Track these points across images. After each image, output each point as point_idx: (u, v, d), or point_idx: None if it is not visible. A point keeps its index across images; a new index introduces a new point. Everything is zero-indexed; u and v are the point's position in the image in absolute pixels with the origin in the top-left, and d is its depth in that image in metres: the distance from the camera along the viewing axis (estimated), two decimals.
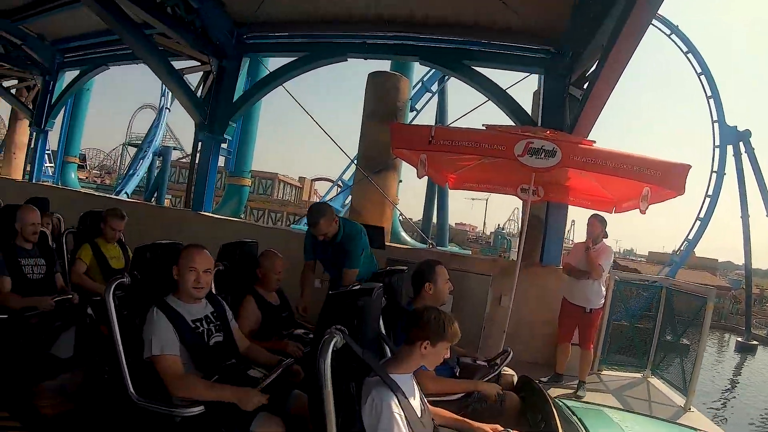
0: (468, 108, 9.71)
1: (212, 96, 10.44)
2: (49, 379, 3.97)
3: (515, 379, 4.11)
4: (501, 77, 8.50)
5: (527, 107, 8.43)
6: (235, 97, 10.46)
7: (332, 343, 2.35)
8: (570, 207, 8.00)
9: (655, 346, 7.60)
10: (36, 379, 3.97)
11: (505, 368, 4.18)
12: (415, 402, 2.68)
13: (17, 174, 16.52)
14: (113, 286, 3.12)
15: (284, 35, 9.99)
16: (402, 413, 2.50)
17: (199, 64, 10.67)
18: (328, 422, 2.34)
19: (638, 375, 7.60)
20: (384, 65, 13.49)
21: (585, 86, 7.23)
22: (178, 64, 10.68)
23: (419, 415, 2.65)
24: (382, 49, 9.18)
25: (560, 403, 3.85)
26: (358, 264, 5.31)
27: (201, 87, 10.72)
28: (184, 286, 3.24)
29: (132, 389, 3.00)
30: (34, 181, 15.17)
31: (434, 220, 25.77)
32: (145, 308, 3.16)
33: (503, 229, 63.71)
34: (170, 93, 31.32)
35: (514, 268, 6.48)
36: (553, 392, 5.43)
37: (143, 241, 3.52)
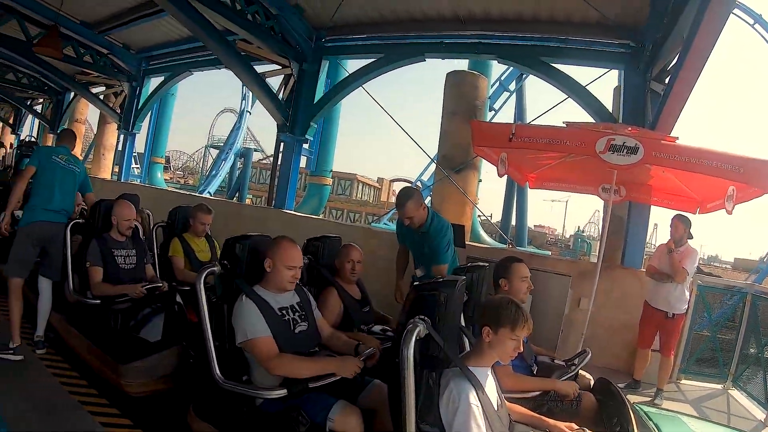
0: (546, 107, 9.62)
1: (293, 98, 10.69)
2: (137, 360, 4.16)
3: (592, 381, 4.05)
4: (580, 74, 8.37)
5: (608, 104, 8.19)
6: (316, 99, 10.67)
7: (416, 332, 2.40)
8: (653, 209, 7.70)
9: (738, 357, 7.20)
10: (125, 360, 4.17)
11: (582, 371, 4.12)
12: (493, 396, 2.69)
13: (106, 174, 17.43)
14: (204, 274, 3.31)
15: (362, 37, 10.12)
16: (479, 405, 2.52)
17: (280, 67, 10.93)
18: (408, 410, 2.38)
19: (718, 386, 7.22)
20: (462, 64, 13.41)
21: (666, 80, 6.95)
22: (260, 68, 11.01)
23: (496, 409, 2.65)
24: (459, 48, 9.13)
25: (637, 408, 3.78)
26: (447, 259, 5.30)
27: (282, 90, 10.95)
28: (278, 280, 3.37)
29: (218, 371, 3.17)
30: (122, 181, 15.90)
31: (513, 221, 25.47)
32: (233, 296, 3.30)
33: (583, 231, 62.19)
34: (250, 97, 32.12)
35: (594, 269, 6.34)
36: (630, 399, 5.29)
37: (230, 236, 3.66)
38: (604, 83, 8.82)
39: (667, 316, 6.28)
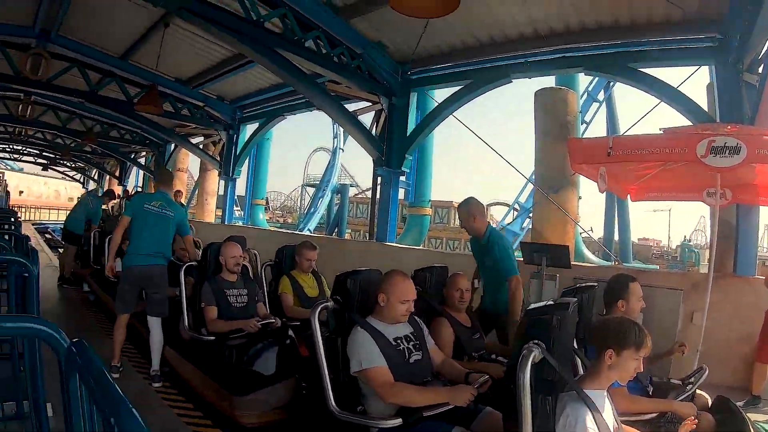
0: (638, 112, 9.30)
1: (386, 132, 10.88)
2: (252, 392, 4.32)
3: (710, 400, 3.88)
4: (670, 75, 8.11)
5: (702, 103, 7.83)
6: (408, 131, 10.80)
7: (531, 357, 2.38)
8: (762, 209, 7.29)
9: None
10: (240, 392, 4.34)
11: (699, 390, 3.96)
12: (609, 419, 2.62)
13: (210, 218, 18.31)
14: (318, 309, 3.41)
15: (446, 66, 10.18)
16: (596, 429, 2.47)
17: (371, 104, 11.18)
18: None
19: None
20: (548, 81, 13.28)
21: (760, 70, 6.65)
22: (351, 107, 11.36)
23: None
24: (544, 65, 9.00)
25: (759, 427, 3.59)
26: (515, 269, 5.35)
27: (375, 125, 11.16)
28: (393, 314, 3.43)
29: (333, 402, 3.23)
30: (226, 223, 16.64)
31: (615, 236, 24.74)
32: (347, 330, 3.40)
33: (689, 240, 59.41)
34: (341, 135, 32.82)
35: (705, 281, 6.00)
36: (750, 416, 4.97)
37: (334, 271, 3.81)
38: (696, 82, 8.45)
39: None
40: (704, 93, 8.17)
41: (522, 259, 6.72)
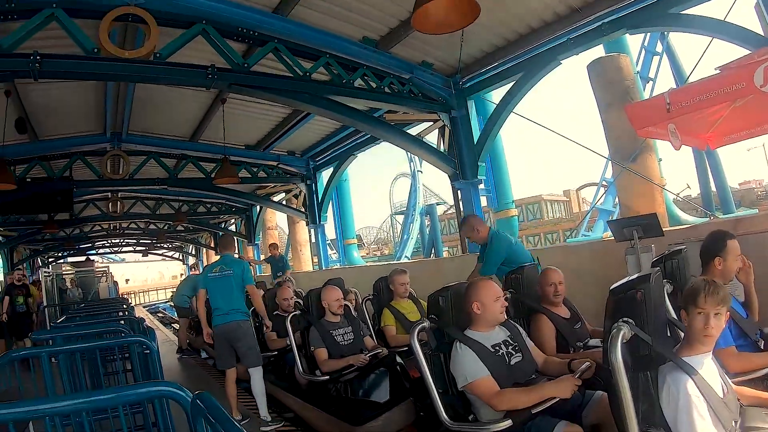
0: (700, 53, 8.90)
1: (454, 146, 10.91)
2: (371, 420, 4.46)
3: None
4: (717, 7, 7.71)
5: (756, 27, 7.26)
6: (476, 140, 10.78)
7: (620, 336, 2.41)
8: None
9: None
10: (360, 422, 4.55)
11: None
12: (716, 383, 2.57)
13: (307, 266, 18.84)
14: (416, 331, 3.57)
15: (495, 65, 10.12)
16: (700, 395, 2.43)
17: (432, 122, 11.29)
18: (628, 415, 2.36)
19: None
20: (598, 51, 12.92)
21: None
22: (414, 130, 11.65)
23: (721, 396, 2.53)
24: (586, 38, 8.74)
25: None
26: (491, 270, 5.94)
27: (441, 141, 11.22)
28: (491, 315, 3.57)
29: (445, 416, 3.36)
30: (323, 268, 17.01)
31: (713, 187, 23.64)
32: (448, 345, 3.53)
33: None
34: (417, 158, 33.00)
35: None
36: None
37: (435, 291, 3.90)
38: (746, 6, 8.03)
39: None
40: (756, 17, 7.80)
41: (614, 238, 6.66)
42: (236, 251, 13.51)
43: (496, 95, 11.02)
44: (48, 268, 28.01)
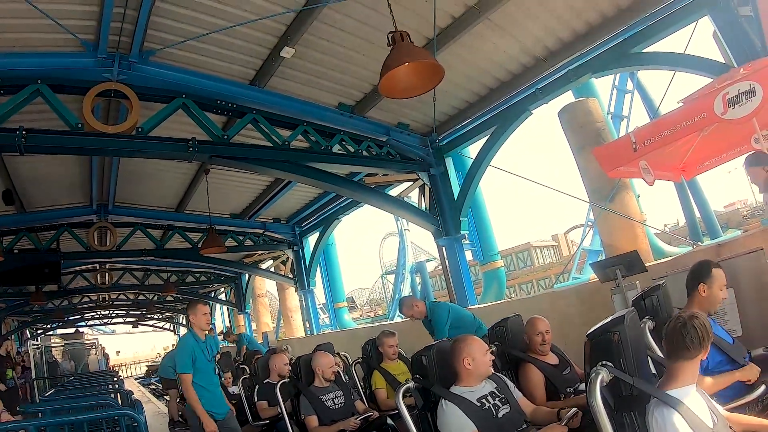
0: (672, 87, 8.97)
1: (435, 203, 11.01)
2: None
3: None
4: (677, 42, 7.86)
5: (716, 56, 7.41)
6: (456, 195, 10.89)
7: (599, 380, 2.44)
8: None
9: None
10: None
11: None
12: (704, 413, 2.57)
13: (299, 332, 18.73)
14: (401, 391, 3.61)
15: (468, 121, 10.33)
16: (687, 427, 2.44)
17: (412, 182, 11.42)
18: None
19: None
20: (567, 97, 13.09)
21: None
22: (394, 191, 11.83)
23: (711, 427, 2.53)
24: (555, 86, 9.00)
25: None
26: (443, 334, 6.52)
27: (422, 200, 11.33)
28: (482, 368, 3.61)
29: None
30: (315, 333, 16.93)
31: (698, 215, 23.67)
32: (434, 404, 3.57)
33: None
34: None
35: None
36: None
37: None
38: (705, 37, 8.20)
39: None
40: (715, 45, 7.98)
41: (598, 280, 6.72)
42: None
43: (473, 149, 11.23)
44: (37, 340, 27.81)
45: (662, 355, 3.35)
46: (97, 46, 7.35)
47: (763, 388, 3.38)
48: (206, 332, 6.03)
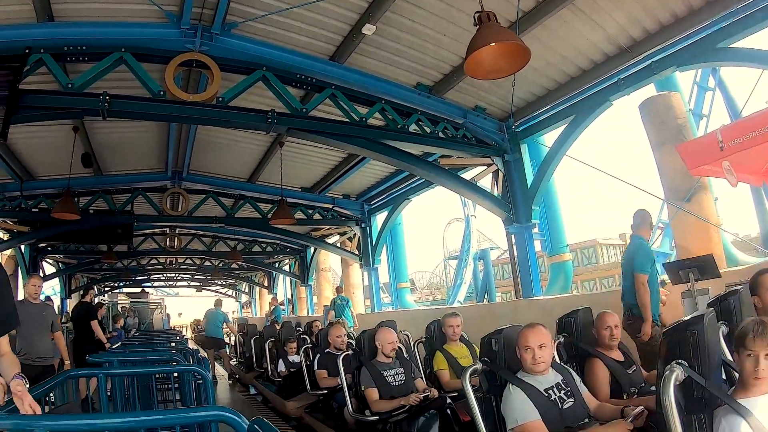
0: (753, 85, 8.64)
1: (508, 190, 10.93)
2: None
3: None
4: (765, 38, 7.57)
5: None
6: (529, 183, 10.78)
7: (673, 378, 2.40)
8: None
9: None
10: None
11: None
12: None
13: (360, 309, 18.91)
14: (468, 373, 3.58)
15: (547, 108, 10.18)
16: None
17: (485, 167, 11.33)
18: None
19: None
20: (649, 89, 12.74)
21: None
22: (468, 175, 11.71)
23: None
24: (636, 77, 8.71)
25: None
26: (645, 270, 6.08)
27: (495, 186, 11.27)
28: (524, 363, 3.55)
29: None
30: (376, 311, 17.24)
31: None
32: (500, 388, 3.55)
33: None
34: (470, 202, 33.00)
35: None
36: None
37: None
38: None
39: None
40: None
41: (670, 281, 6.60)
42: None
43: (549, 138, 11.04)
44: (104, 296, 28.90)
45: (733, 360, 3.28)
46: (180, 17, 7.56)
47: None
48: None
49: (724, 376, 3.01)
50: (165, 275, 34.84)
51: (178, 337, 10.60)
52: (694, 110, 19.54)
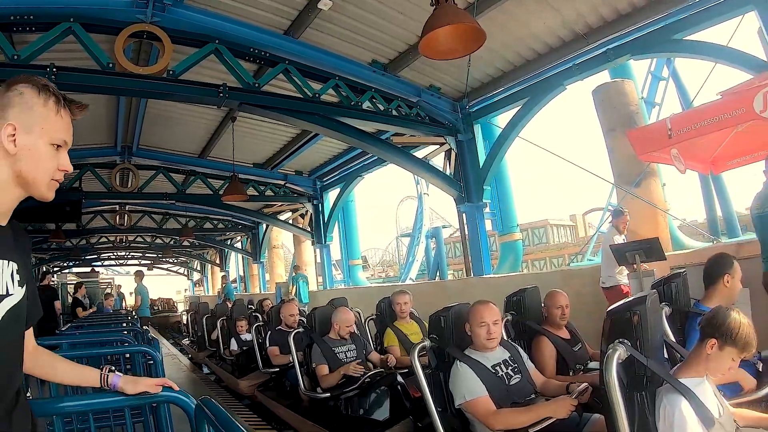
0: (705, 77, 8.90)
1: (460, 169, 11.01)
2: None
3: None
4: (720, 32, 7.80)
5: (758, 52, 7.41)
6: (481, 163, 10.88)
7: (616, 356, 2.44)
8: None
9: None
10: None
11: None
12: (712, 404, 2.59)
13: (312, 286, 18.81)
14: (417, 350, 3.59)
15: (501, 90, 10.25)
16: (695, 417, 2.45)
17: (438, 146, 11.39)
18: None
19: None
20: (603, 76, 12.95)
21: None
22: (420, 153, 11.76)
23: (717, 416, 2.55)
24: (591, 63, 8.89)
25: None
26: None
27: (447, 165, 11.33)
28: (477, 339, 3.59)
29: None
30: (327, 288, 17.18)
31: (719, 212, 23.51)
32: (448, 365, 3.58)
33: None
34: (423, 180, 33.17)
35: None
36: None
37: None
38: (749, 32, 8.10)
39: None
40: (759, 41, 7.85)
41: (616, 262, 6.76)
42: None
43: (502, 119, 11.16)
44: (53, 277, 28.26)
45: (674, 340, 3.37)
46: None
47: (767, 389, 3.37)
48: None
49: (666, 356, 3.10)
50: (115, 254, 34.44)
51: (129, 318, 10.47)
52: (647, 98, 19.90)
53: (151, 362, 3.98)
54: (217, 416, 1.68)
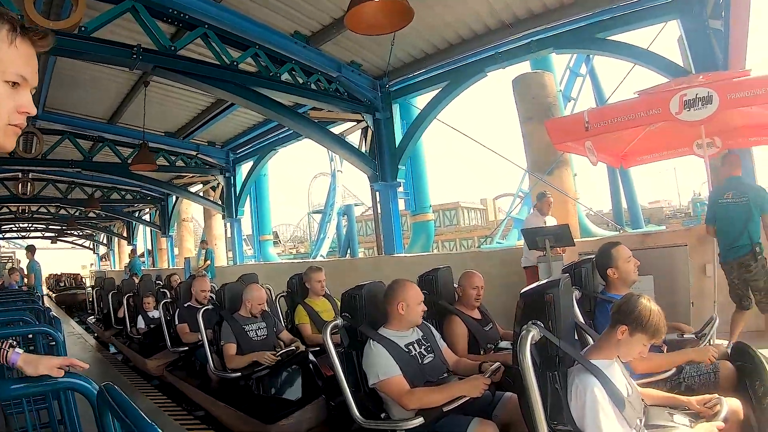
0: (621, 78, 9.28)
1: (375, 147, 11.02)
2: (282, 418, 4.44)
3: (730, 350, 3.84)
4: (642, 36, 8.18)
5: (677, 58, 7.86)
6: (397, 143, 10.94)
7: (529, 337, 2.47)
8: (755, 150, 7.22)
9: None
10: (271, 420, 4.48)
11: (718, 340, 4.01)
12: (621, 384, 2.68)
13: (222, 261, 18.58)
14: (329, 328, 3.57)
15: (423, 71, 10.34)
16: (606, 397, 2.53)
17: (355, 123, 11.36)
18: (536, 413, 2.44)
19: None
20: (524, 66, 13.33)
21: (722, 14, 6.67)
22: (337, 129, 11.66)
23: (626, 396, 2.65)
24: (515, 53, 9.11)
25: None
26: None
27: (363, 142, 11.33)
28: (413, 317, 3.58)
29: (357, 414, 3.38)
30: (238, 263, 16.93)
31: (624, 204, 24.61)
32: (360, 343, 3.54)
33: (700, 194, 58.29)
34: (338, 157, 33.08)
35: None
36: None
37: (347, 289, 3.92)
38: (669, 38, 8.50)
39: None
40: (677, 48, 8.20)
41: (527, 246, 6.92)
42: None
43: (421, 101, 11.21)
44: None
45: (584, 323, 3.45)
46: None
47: (673, 369, 3.50)
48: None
49: (576, 337, 3.17)
50: (17, 225, 32.74)
51: (31, 295, 9.94)
52: (564, 92, 20.51)
53: (53, 343, 3.78)
54: (121, 404, 1.57)
